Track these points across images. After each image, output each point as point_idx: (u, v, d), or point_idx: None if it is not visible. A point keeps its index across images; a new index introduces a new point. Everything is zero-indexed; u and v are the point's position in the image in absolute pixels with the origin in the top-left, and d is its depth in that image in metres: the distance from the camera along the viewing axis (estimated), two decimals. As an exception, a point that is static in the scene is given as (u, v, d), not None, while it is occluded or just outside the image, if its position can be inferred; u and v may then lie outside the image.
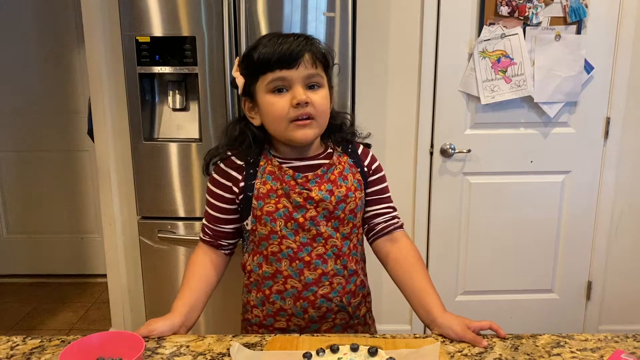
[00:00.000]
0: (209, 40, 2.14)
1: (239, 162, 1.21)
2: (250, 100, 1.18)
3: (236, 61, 1.20)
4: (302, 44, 1.12)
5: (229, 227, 1.25)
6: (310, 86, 1.13)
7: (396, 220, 1.28)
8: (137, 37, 2.15)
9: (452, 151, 2.43)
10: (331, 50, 1.21)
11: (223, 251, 1.28)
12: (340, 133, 1.25)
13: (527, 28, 2.31)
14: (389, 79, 2.42)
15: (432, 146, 2.46)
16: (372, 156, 1.29)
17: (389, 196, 1.29)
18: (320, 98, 1.14)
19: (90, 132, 2.50)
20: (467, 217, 2.53)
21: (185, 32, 2.15)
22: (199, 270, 1.23)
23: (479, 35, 2.32)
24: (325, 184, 1.17)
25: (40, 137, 3.35)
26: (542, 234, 2.55)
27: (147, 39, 2.15)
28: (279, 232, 1.16)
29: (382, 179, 1.29)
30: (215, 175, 1.23)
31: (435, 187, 2.50)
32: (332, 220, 1.18)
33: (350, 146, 1.26)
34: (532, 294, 2.63)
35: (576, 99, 2.39)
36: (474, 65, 2.34)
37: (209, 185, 1.24)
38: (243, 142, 1.21)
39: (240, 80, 1.17)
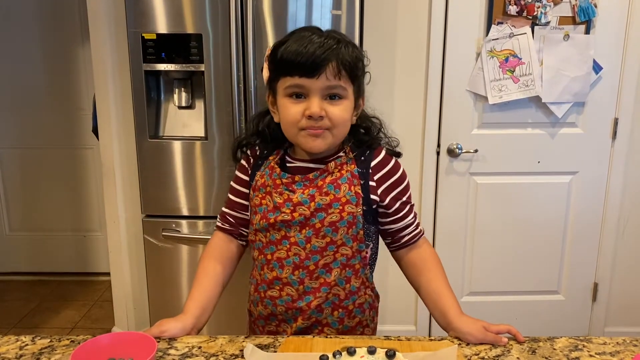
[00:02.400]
0: (214, 37, 2.13)
1: (258, 150, 1.22)
2: (272, 95, 1.15)
3: (268, 50, 1.15)
4: (329, 50, 1.04)
5: (247, 214, 1.23)
6: (331, 96, 1.08)
7: (419, 229, 1.22)
8: (143, 34, 2.13)
9: (459, 151, 2.41)
10: (363, 56, 1.13)
11: (240, 241, 1.26)
12: (366, 135, 1.18)
13: (536, 27, 2.29)
14: (395, 78, 2.40)
15: (438, 146, 2.44)
16: (393, 168, 1.17)
17: (412, 206, 1.21)
18: (338, 110, 1.08)
19: (95, 130, 2.48)
20: (473, 218, 2.51)
21: (191, 29, 2.13)
22: (212, 266, 1.21)
23: (487, 35, 2.30)
24: (310, 189, 1.12)
25: (43, 134, 3.33)
26: (549, 235, 2.53)
27: (153, 36, 2.14)
28: (254, 225, 1.17)
29: (404, 191, 1.19)
30: (242, 161, 1.24)
31: (441, 187, 2.48)
32: (307, 228, 1.11)
33: (367, 152, 1.16)
34: (538, 295, 2.61)
35: (584, 100, 2.37)
36: (482, 64, 2.33)
37: (236, 171, 1.24)
38: (264, 135, 1.20)
39: (265, 74, 1.15)
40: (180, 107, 2.28)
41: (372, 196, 1.14)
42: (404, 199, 1.19)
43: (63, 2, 3.17)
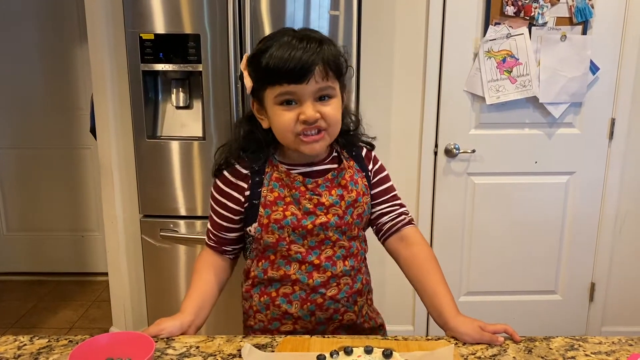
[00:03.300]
0: (212, 38, 2.13)
1: (244, 171, 1.17)
2: (258, 103, 1.14)
3: (244, 57, 1.15)
4: (314, 54, 1.05)
5: (233, 235, 1.24)
6: (322, 97, 1.09)
7: (403, 217, 1.25)
8: (141, 34, 2.13)
9: (457, 151, 2.42)
10: (345, 52, 1.15)
11: (228, 256, 1.27)
12: (347, 136, 1.22)
13: (533, 28, 2.30)
14: (393, 78, 2.40)
15: (436, 146, 2.45)
16: (375, 157, 1.27)
17: (395, 194, 1.27)
18: (331, 109, 1.10)
19: (93, 130, 2.48)
20: (471, 218, 2.52)
21: (189, 29, 2.13)
22: (205, 273, 1.22)
23: (484, 35, 2.31)
24: (335, 189, 1.16)
25: (41, 134, 3.33)
26: (546, 235, 2.54)
27: (151, 36, 2.14)
28: (287, 239, 1.14)
29: (386, 179, 1.26)
30: (219, 184, 1.20)
31: (439, 187, 2.49)
32: (342, 227, 1.16)
33: (354, 149, 1.24)
34: (536, 295, 2.62)
35: (581, 100, 2.38)
36: (479, 65, 2.33)
37: (214, 192, 1.21)
38: (250, 143, 1.18)
39: (248, 83, 1.13)
40: (178, 107, 2.28)
41: (372, 181, 1.24)
42: (386, 185, 1.26)
43: (61, 2, 3.17)
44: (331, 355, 0.87)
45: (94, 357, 0.92)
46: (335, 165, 1.19)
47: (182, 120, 2.30)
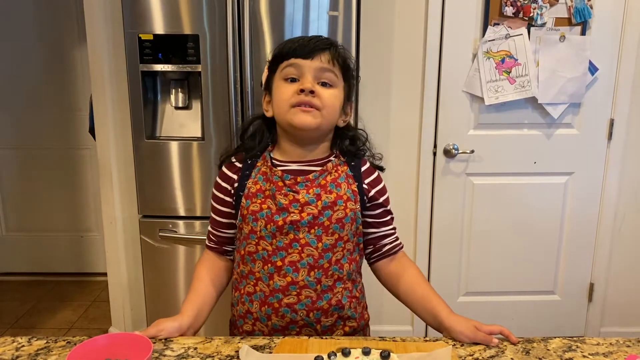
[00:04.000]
0: (211, 38, 2.13)
1: (238, 164, 1.21)
2: (269, 94, 1.18)
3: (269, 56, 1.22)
4: (324, 41, 1.13)
5: (231, 232, 1.24)
6: (323, 83, 1.12)
7: (399, 241, 1.26)
8: (140, 35, 2.13)
9: (456, 152, 2.42)
10: (354, 63, 1.20)
11: (228, 257, 1.27)
12: (351, 145, 1.22)
13: (532, 29, 2.30)
14: (392, 79, 2.41)
15: (435, 146, 2.45)
16: (377, 177, 1.24)
17: (392, 218, 1.26)
18: (328, 94, 1.12)
19: (92, 130, 2.48)
20: (469, 218, 2.52)
21: (188, 30, 2.13)
22: (206, 277, 1.23)
23: (483, 36, 2.31)
24: (314, 188, 1.14)
25: (40, 134, 3.33)
26: (545, 235, 2.54)
27: (150, 37, 2.14)
28: (258, 233, 1.14)
29: (386, 201, 1.24)
30: (218, 179, 1.23)
31: (438, 188, 2.49)
32: (316, 227, 1.13)
33: (354, 161, 1.22)
34: (534, 295, 2.62)
35: (580, 100, 2.38)
36: (478, 65, 2.33)
37: (214, 189, 1.24)
38: (252, 138, 1.21)
39: (264, 75, 1.19)
40: (177, 108, 2.28)
41: (364, 197, 1.19)
42: (387, 207, 1.24)
43: (60, 3, 3.17)
44: (329, 356, 0.87)
45: (92, 358, 0.92)
46: (320, 168, 1.18)
47: (181, 121, 2.30)
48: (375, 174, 1.24)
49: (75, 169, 3.38)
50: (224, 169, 1.23)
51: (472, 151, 2.42)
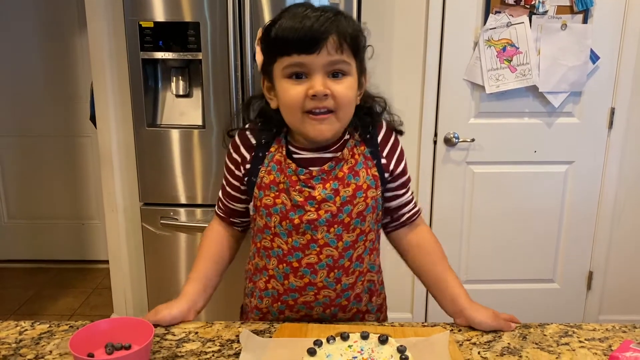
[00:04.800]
0: (212, 26, 2.13)
1: (252, 140, 1.10)
2: (268, 80, 1.05)
3: (259, 32, 1.05)
4: (327, 23, 0.95)
5: (241, 206, 1.15)
6: (334, 74, 0.99)
7: (418, 207, 1.18)
8: (140, 22, 2.13)
9: (456, 140, 2.42)
10: (363, 29, 1.05)
11: (237, 228, 1.20)
12: (368, 116, 1.10)
13: (534, 17, 2.29)
14: (393, 67, 2.40)
15: (435, 135, 2.45)
16: (395, 142, 1.13)
17: (409, 179, 1.17)
18: (343, 88, 0.99)
19: (93, 118, 2.49)
20: (469, 207, 2.53)
21: (188, 17, 2.13)
22: (211, 248, 1.17)
23: (484, 24, 2.30)
24: (331, 182, 1.04)
25: (41, 122, 3.34)
26: (545, 224, 2.55)
27: (151, 24, 2.14)
28: (272, 229, 1.06)
29: (405, 168, 1.15)
30: (230, 149, 1.14)
31: (438, 176, 2.49)
32: (335, 226, 1.04)
33: (370, 130, 1.10)
34: (534, 283, 2.64)
35: (581, 89, 2.38)
36: (479, 53, 2.33)
37: (226, 159, 1.15)
38: (267, 116, 1.10)
39: (259, 58, 1.05)
40: (177, 96, 2.29)
41: (386, 174, 1.10)
42: (406, 175, 1.15)
43: (60, -11, 3.17)
44: (328, 340, 0.88)
45: (94, 342, 0.93)
46: (336, 155, 1.06)
47: (182, 109, 2.30)
48: (392, 139, 1.13)
49: (76, 156, 3.39)
50: (236, 139, 1.13)
51: (473, 140, 2.43)
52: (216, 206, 1.21)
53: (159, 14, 2.12)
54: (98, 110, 2.43)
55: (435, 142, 2.46)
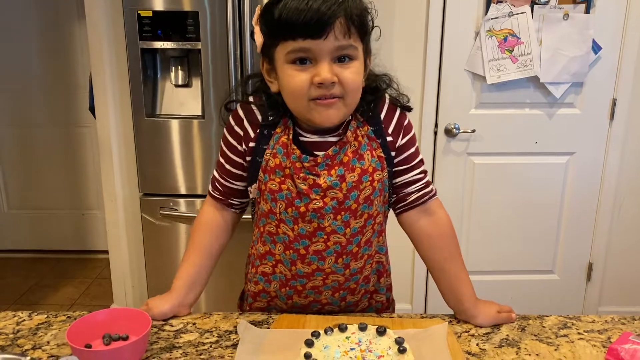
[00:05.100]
0: (211, 15, 2.11)
1: (258, 115, 1.04)
2: (268, 62, 1.00)
3: (257, 10, 0.99)
4: (335, 5, 0.90)
5: (240, 184, 1.09)
6: (341, 58, 0.94)
7: (430, 188, 1.09)
8: (139, 12, 2.12)
9: (457, 131, 2.41)
10: (371, 9, 1.01)
11: (234, 210, 1.14)
12: (371, 95, 1.04)
13: (535, 7, 2.27)
14: (393, 56, 2.38)
15: (436, 126, 2.44)
16: (400, 117, 1.07)
17: (421, 160, 1.09)
18: (351, 74, 0.95)
19: (92, 108, 2.48)
20: (470, 198, 2.52)
21: (187, 6, 2.12)
22: (203, 240, 1.11)
23: (486, 13, 2.28)
24: (336, 167, 0.99)
25: (40, 112, 3.32)
26: (545, 215, 2.54)
27: (150, 14, 2.12)
28: (278, 215, 1.02)
29: (412, 142, 1.08)
30: (231, 121, 1.07)
31: (438, 167, 2.48)
32: (342, 213, 1.00)
33: (372, 107, 1.04)
34: (533, 274, 2.63)
35: (583, 80, 2.36)
36: (481, 44, 2.31)
37: (225, 132, 1.08)
38: (265, 96, 1.04)
39: (259, 39, 0.99)
40: (177, 86, 2.28)
41: (392, 152, 1.05)
42: (412, 149, 1.08)
43: (58, -22, 3.14)
44: (325, 332, 0.88)
45: (92, 333, 0.93)
46: (339, 139, 1.01)
47: (181, 99, 2.29)
48: (398, 115, 1.07)
49: (76, 146, 3.38)
50: (239, 111, 1.06)
51: (474, 130, 2.41)
52: (210, 187, 1.13)
53: (158, 3, 2.11)
54: (97, 100, 2.41)
55: (435, 133, 2.44)
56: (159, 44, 2.15)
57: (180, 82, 2.26)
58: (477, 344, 0.98)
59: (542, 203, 2.52)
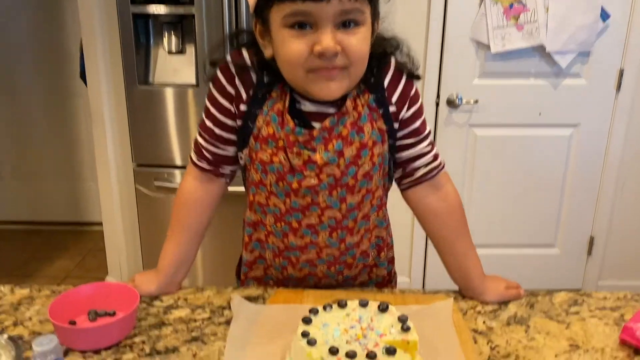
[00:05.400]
0: (206, -22, 2.03)
1: (252, 74, 0.93)
2: (262, 23, 0.88)
3: None
4: None
5: (232, 150, 0.99)
6: (345, 23, 0.83)
7: (439, 161, 1.02)
8: (131, -26, 2.03)
9: (459, 102, 2.34)
10: None
11: (224, 180, 1.03)
12: (375, 61, 0.93)
13: (543, -28, 2.18)
14: (395, 22, 2.29)
15: (438, 96, 2.37)
16: (406, 85, 0.96)
17: (428, 132, 1.00)
18: (356, 41, 0.84)
19: (83, 76, 2.40)
20: (471, 170, 2.46)
21: (181, -31, 2.03)
22: (188, 216, 1.03)
23: (492, -21, 2.20)
24: (334, 141, 0.91)
25: (31, 80, 3.23)
26: (547, 188, 2.50)
27: (141, -24, 2.04)
28: (268, 187, 0.95)
29: (418, 114, 0.98)
30: (221, 78, 0.94)
31: (440, 139, 2.42)
32: (338, 189, 0.93)
33: (375, 71, 0.94)
34: (534, 248, 2.60)
35: (589, 49, 2.29)
36: (485, 11, 2.23)
37: (211, 88, 0.96)
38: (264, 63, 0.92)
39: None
40: (170, 53, 2.21)
41: (395, 124, 0.96)
42: (418, 122, 0.99)
43: (47, -59, 3.02)
44: (324, 308, 0.83)
45: (76, 309, 0.88)
46: (337, 110, 0.92)
47: (175, 66, 2.22)
48: (404, 82, 0.96)
49: (68, 116, 3.30)
50: (231, 67, 0.94)
51: (477, 101, 2.35)
52: (195, 156, 1.02)
53: (150, -35, 2.02)
54: (88, 68, 2.33)
55: (437, 104, 2.38)
56: (151, 9, 2.07)
57: (173, 49, 2.19)
58: (484, 322, 0.93)
59: (545, 176, 2.47)
